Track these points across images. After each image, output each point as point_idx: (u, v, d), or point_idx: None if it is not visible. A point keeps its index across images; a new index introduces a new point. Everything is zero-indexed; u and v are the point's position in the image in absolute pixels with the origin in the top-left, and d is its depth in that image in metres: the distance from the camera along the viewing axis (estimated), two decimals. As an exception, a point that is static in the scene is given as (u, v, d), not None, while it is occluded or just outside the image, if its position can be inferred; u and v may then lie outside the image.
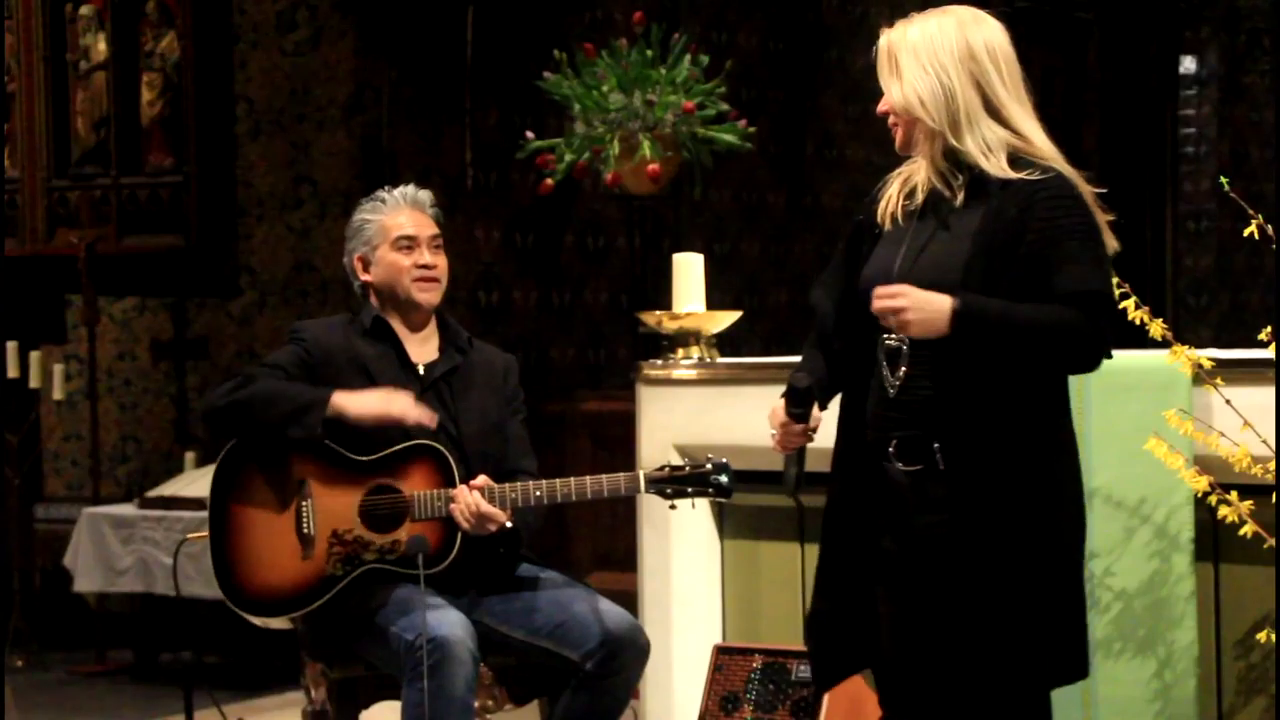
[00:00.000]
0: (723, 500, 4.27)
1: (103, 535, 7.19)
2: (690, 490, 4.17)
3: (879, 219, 3.43)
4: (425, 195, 4.45)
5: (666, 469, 4.20)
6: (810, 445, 3.50)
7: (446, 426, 4.27)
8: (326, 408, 4.14)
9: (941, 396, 3.28)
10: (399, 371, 4.31)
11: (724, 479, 4.17)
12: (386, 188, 4.46)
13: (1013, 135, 3.32)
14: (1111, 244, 3.38)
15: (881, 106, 3.41)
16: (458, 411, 4.31)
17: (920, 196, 3.38)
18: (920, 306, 3.23)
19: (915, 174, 3.41)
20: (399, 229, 4.37)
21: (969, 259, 3.27)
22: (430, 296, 4.36)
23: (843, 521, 3.47)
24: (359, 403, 4.16)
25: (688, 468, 4.19)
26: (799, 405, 3.42)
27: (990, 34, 3.36)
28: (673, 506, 4.21)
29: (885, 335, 3.35)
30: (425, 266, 4.35)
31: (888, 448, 3.36)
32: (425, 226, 4.39)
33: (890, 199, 3.42)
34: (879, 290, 3.26)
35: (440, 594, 4.12)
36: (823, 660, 3.54)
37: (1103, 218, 3.36)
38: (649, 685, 5.04)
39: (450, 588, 4.16)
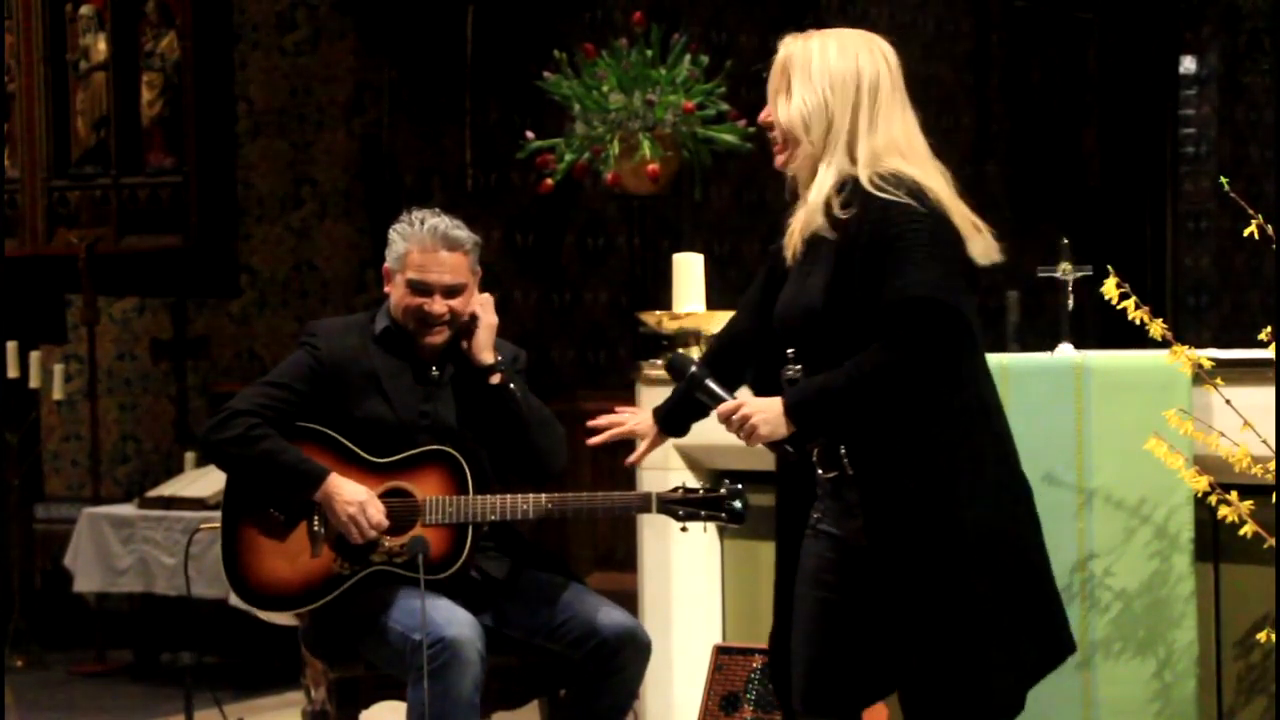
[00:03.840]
0: (735, 525, 4.18)
1: (103, 535, 7.19)
2: (703, 514, 4.12)
3: (785, 258, 3.41)
4: (460, 235, 4.25)
5: (680, 490, 4.15)
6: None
7: (454, 430, 4.25)
8: (317, 491, 4.12)
9: None
10: (410, 382, 4.26)
11: (738, 504, 4.11)
12: (431, 211, 4.27)
13: (873, 162, 3.27)
14: (993, 255, 3.33)
15: (763, 117, 3.41)
16: (468, 415, 4.27)
17: (809, 231, 3.34)
18: (761, 411, 3.30)
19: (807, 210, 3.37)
20: (415, 270, 4.21)
21: (826, 286, 3.26)
22: (435, 340, 4.26)
23: (788, 532, 3.49)
24: (338, 501, 4.10)
25: (702, 490, 4.15)
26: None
27: (879, 60, 3.34)
28: (684, 529, 4.17)
29: (786, 367, 3.36)
30: (432, 315, 4.22)
31: (811, 458, 3.37)
32: (445, 273, 4.21)
33: (792, 234, 3.37)
34: (721, 413, 3.35)
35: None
36: (784, 694, 3.51)
37: (974, 232, 3.29)
38: (649, 685, 5.04)
39: (457, 594, 4.14)
